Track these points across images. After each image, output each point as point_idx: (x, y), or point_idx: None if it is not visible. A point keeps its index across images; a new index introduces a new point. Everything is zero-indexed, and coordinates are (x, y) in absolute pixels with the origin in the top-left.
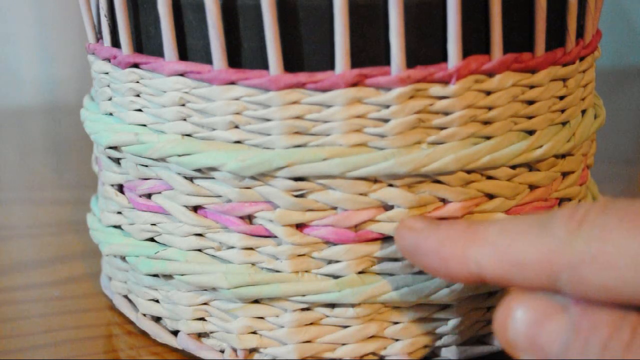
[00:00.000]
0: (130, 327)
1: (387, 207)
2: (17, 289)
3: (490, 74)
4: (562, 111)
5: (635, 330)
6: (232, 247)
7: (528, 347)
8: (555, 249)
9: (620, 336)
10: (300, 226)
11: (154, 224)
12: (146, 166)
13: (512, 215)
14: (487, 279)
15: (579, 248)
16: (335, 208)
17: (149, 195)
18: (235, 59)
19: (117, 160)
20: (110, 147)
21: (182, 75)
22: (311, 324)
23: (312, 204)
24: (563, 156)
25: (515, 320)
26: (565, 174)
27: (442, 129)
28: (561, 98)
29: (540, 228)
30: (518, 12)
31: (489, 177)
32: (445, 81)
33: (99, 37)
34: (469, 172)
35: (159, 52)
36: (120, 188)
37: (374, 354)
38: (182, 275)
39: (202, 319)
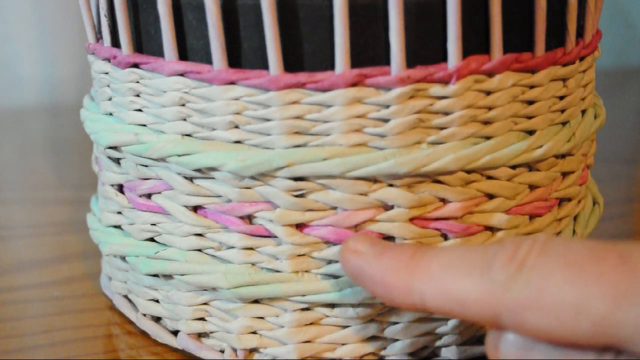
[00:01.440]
0: (130, 327)
1: (387, 207)
2: (17, 289)
3: (490, 74)
4: (562, 111)
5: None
6: (232, 247)
7: None
8: (494, 292)
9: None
10: (300, 226)
11: (154, 224)
12: (146, 166)
13: (457, 247)
14: (430, 311)
15: (517, 294)
16: (335, 208)
17: (149, 195)
18: (235, 59)
19: (117, 160)
20: (110, 147)
21: (182, 75)
22: (311, 324)
23: (312, 204)
24: (563, 156)
25: (506, 342)
26: (565, 174)
27: (442, 129)
28: (561, 98)
29: (482, 268)
30: (518, 12)
31: (489, 177)
32: (445, 81)
33: (99, 37)
34: (469, 172)
35: (159, 52)
36: (120, 188)
37: (374, 354)
38: (182, 275)
39: (202, 319)
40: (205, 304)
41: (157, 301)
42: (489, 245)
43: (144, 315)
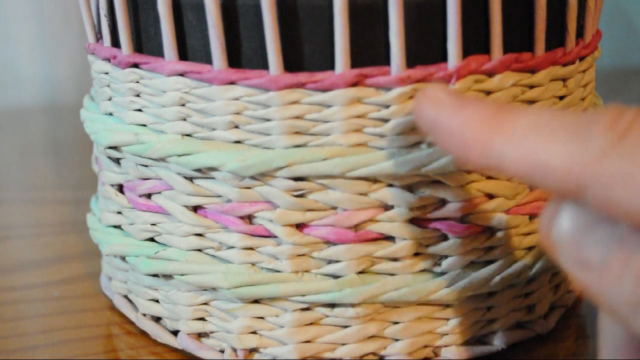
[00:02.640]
0: (130, 327)
1: (387, 207)
2: (17, 289)
3: (490, 74)
4: None
5: None
6: (232, 247)
7: (570, 249)
8: (588, 161)
9: None
10: (300, 226)
11: (154, 224)
12: (146, 166)
13: (547, 109)
14: (507, 173)
15: (613, 166)
16: (335, 208)
17: (149, 195)
18: (235, 59)
19: (117, 160)
20: (110, 147)
21: (182, 75)
22: (311, 324)
23: (312, 204)
24: None
25: (563, 219)
26: None
27: None
28: (561, 98)
29: (577, 132)
30: (518, 12)
31: (489, 177)
32: (445, 81)
33: (99, 37)
34: (469, 172)
35: (159, 52)
36: (120, 188)
37: (374, 354)
38: (182, 275)
39: (202, 319)
40: (205, 304)
41: (157, 301)
42: (587, 112)
43: (144, 315)
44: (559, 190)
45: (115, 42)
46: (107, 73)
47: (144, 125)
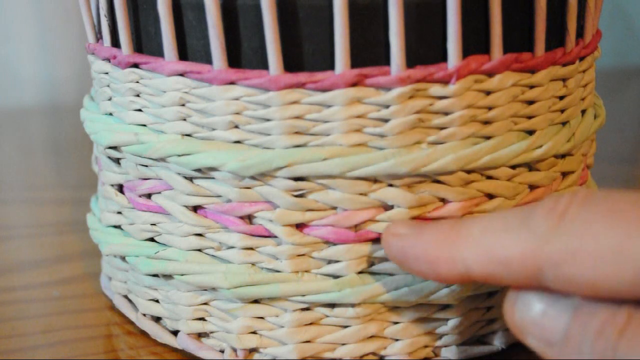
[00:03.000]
0: (130, 327)
1: (387, 207)
2: (17, 289)
3: (490, 74)
4: (562, 111)
5: (631, 316)
6: (232, 247)
7: (533, 331)
8: (536, 246)
9: (615, 321)
10: (300, 226)
11: (154, 224)
12: (146, 166)
13: (496, 212)
14: (475, 278)
15: (559, 245)
16: (335, 208)
17: (149, 195)
18: (235, 59)
19: (117, 160)
20: (110, 147)
21: (182, 75)
22: (311, 324)
23: (312, 204)
24: (563, 156)
25: (522, 304)
26: (565, 174)
27: (442, 129)
28: (561, 98)
29: (522, 224)
30: (518, 12)
31: (489, 177)
32: (445, 81)
33: (99, 37)
34: (469, 172)
35: (159, 52)
36: (120, 188)
37: (374, 354)
38: (182, 275)
39: (202, 319)
40: (205, 304)
41: (157, 301)
42: (528, 205)
43: (144, 315)
44: (521, 280)
45: (115, 42)
46: (107, 73)
47: (144, 125)
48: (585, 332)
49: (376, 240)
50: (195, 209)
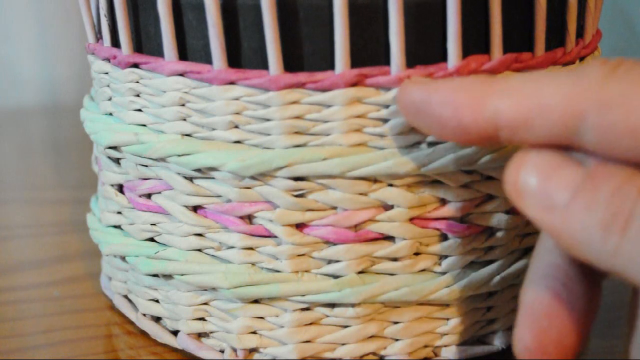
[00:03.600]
0: (130, 327)
1: (387, 207)
2: (17, 289)
3: (490, 73)
4: None
5: None
6: (232, 247)
7: (536, 193)
8: (586, 88)
9: (634, 182)
10: (300, 226)
11: (154, 224)
12: (146, 166)
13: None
14: (502, 128)
15: (612, 89)
16: (335, 208)
17: (148, 195)
18: (235, 59)
19: (117, 160)
20: (110, 147)
21: (182, 75)
22: (311, 324)
23: (312, 203)
24: None
25: (528, 166)
26: None
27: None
28: None
29: (571, 73)
30: (518, 12)
31: (489, 177)
32: None
33: (99, 37)
34: (469, 172)
35: (158, 52)
36: (120, 188)
37: (374, 354)
38: (182, 275)
39: (202, 319)
40: (205, 304)
41: (157, 301)
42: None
43: (144, 315)
44: (556, 130)
45: (115, 42)
46: (107, 73)
47: (144, 125)
48: (600, 191)
49: (376, 240)
50: (195, 209)
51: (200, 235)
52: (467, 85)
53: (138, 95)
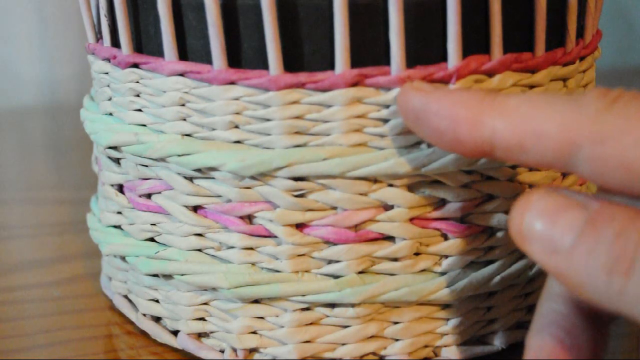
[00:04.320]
0: (130, 327)
1: (387, 207)
2: (17, 289)
3: (490, 74)
4: None
5: None
6: (232, 247)
7: (540, 237)
8: (581, 121)
9: (636, 225)
10: (300, 226)
11: (154, 224)
12: (146, 166)
13: (537, 92)
14: (498, 148)
15: (608, 122)
16: (335, 208)
17: (149, 195)
18: (235, 59)
19: (117, 160)
20: (110, 147)
21: (182, 75)
22: (311, 324)
23: (312, 204)
24: None
25: (532, 211)
26: (565, 174)
27: None
28: None
29: (569, 101)
30: (518, 12)
31: (489, 177)
32: (445, 81)
33: (99, 37)
34: (469, 172)
35: (159, 52)
36: (120, 188)
37: (374, 354)
38: (182, 275)
39: (202, 319)
40: (205, 304)
41: (157, 301)
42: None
43: (144, 315)
44: (550, 157)
45: (115, 42)
46: (107, 73)
47: (144, 125)
48: (603, 235)
49: (376, 240)
50: (195, 209)
51: (200, 235)
52: (466, 99)
53: (138, 95)
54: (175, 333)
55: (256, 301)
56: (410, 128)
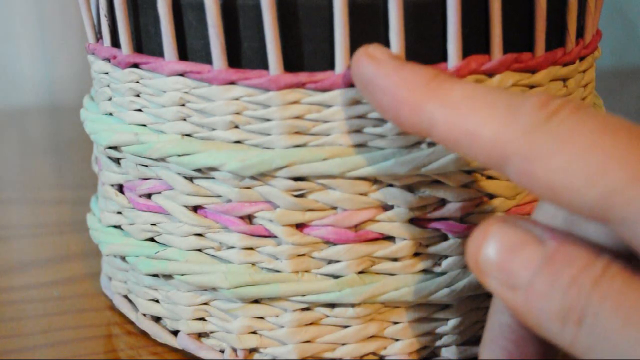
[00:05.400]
0: (130, 327)
1: (387, 207)
2: (17, 289)
3: (490, 74)
4: None
5: (608, 267)
6: (232, 247)
7: (497, 272)
8: (513, 134)
9: (591, 271)
10: (300, 226)
11: (154, 224)
12: (146, 166)
13: (484, 85)
14: (434, 138)
15: (538, 141)
16: (335, 208)
17: (149, 195)
18: (235, 59)
19: (117, 160)
20: (110, 147)
21: (182, 75)
22: (311, 324)
23: (312, 204)
24: None
25: (489, 244)
26: None
27: None
28: None
29: (508, 107)
30: (518, 12)
31: (489, 177)
32: None
33: (99, 37)
34: (469, 172)
35: (159, 52)
36: (120, 188)
37: (374, 354)
38: (182, 275)
39: (202, 319)
40: (205, 304)
41: (157, 301)
42: (520, 91)
43: (144, 315)
44: (482, 160)
45: (115, 42)
46: (107, 73)
47: (144, 125)
48: (558, 279)
49: (376, 240)
50: (195, 209)
51: (200, 235)
52: (412, 80)
53: (138, 95)
54: (175, 333)
55: (256, 301)
56: (360, 93)
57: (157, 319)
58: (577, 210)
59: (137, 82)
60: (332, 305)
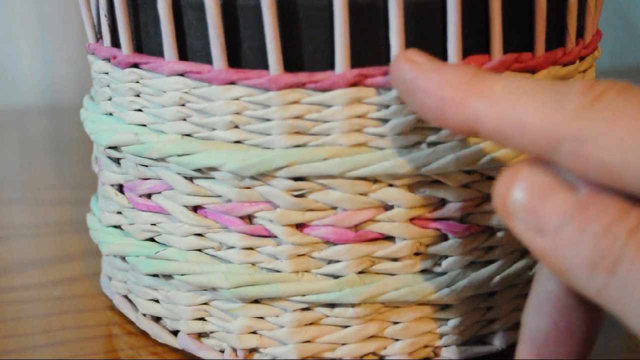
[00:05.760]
0: (130, 327)
1: (387, 207)
2: (17, 289)
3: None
4: None
5: None
6: (232, 247)
7: (525, 215)
8: (563, 118)
9: (626, 221)
10: (300, 226)
11: (154, 224)
12: (146, 166)
13: (523, 77)
14: (481, 133)
15: (588, 123)
16: (335, 208)
17: (149, 195)
18: (235, 59)
19: (117, 160)
20: (110, 147)
21: (182, 75)
22: (311, 324)
23: (312, 204)
24: None
25: (519, 186)
26: None
27: (442, 129)
28: None
29: (553, 94)
30: (518, 12)
31: (489, 177)
32: None
33: (99, 37)
34: (469, 172)
35: (159, 52)
36: (120, 188)
37: (374, 354)
38: (182, 275)
39: (202, 319)
40: (205, 304)
41: (157, 301)
42: (560, 81)
43: (144, 315)
44: (532, 148)
45: (115, 42)
46: (107, 73)
47: (144, 125)
48: (590, 226)
49: (376, 240)
50: (195, 209)
51: (200, 235)
52: (453, 79)
53: (138, 95)
54: (175, 333)
55: (256, 301)
56: (402, 98)
57: (157, 319)
58: (631, 188)
59: (137, 82)
60: (332, 305)
